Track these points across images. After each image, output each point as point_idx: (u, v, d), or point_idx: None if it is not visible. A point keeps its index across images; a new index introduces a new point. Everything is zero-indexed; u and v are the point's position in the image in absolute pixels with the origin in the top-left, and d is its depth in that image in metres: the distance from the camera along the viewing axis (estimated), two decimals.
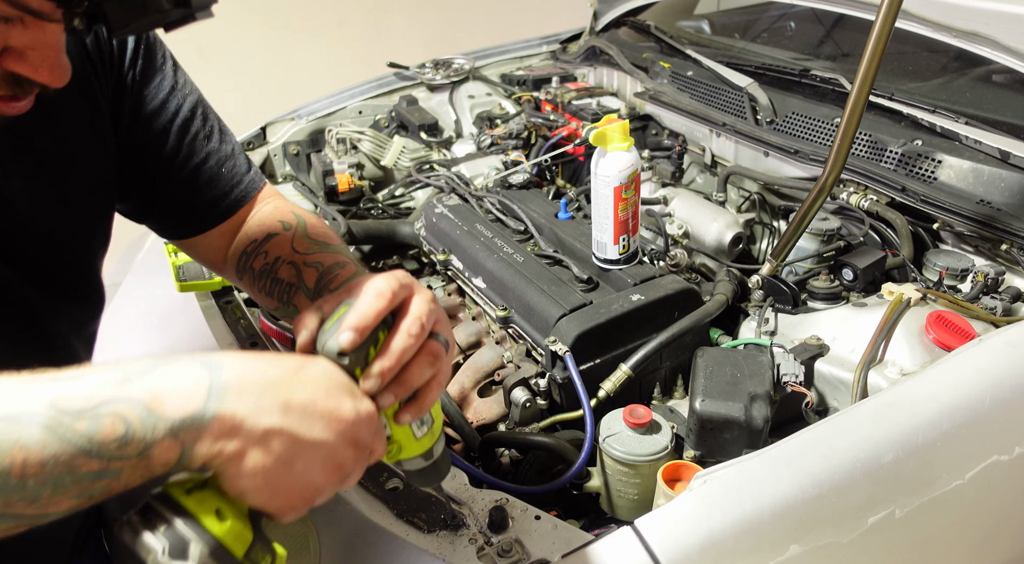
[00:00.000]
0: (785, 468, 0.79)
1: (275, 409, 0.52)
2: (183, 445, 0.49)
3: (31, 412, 0.46)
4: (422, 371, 0.61)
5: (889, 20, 1.05)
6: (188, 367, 0.52)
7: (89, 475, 0.47)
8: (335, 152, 1.92)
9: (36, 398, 0.47)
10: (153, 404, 0.49)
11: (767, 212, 1.59)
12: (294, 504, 0.54)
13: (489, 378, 1.24)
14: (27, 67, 0.58)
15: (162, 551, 0.49)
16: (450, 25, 3.59)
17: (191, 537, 0.50)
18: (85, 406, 0.47)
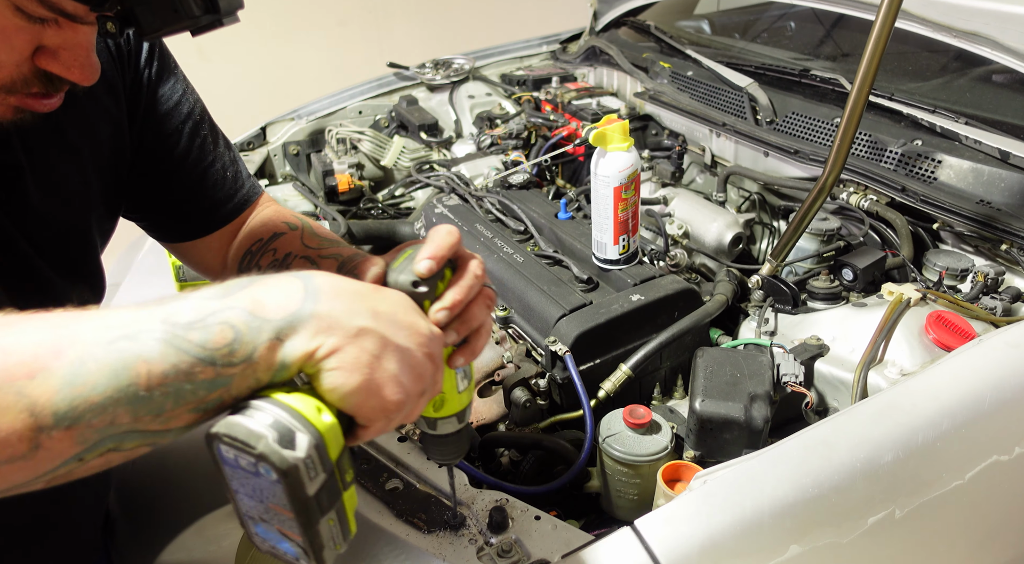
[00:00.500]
0: (785, 468, 0.79)
1: (365, 312, 0.55)
2: (284, 342, 0.52)
3: (147, 329, 0.49)
4: (480, 312, 0.65)
5: (889, 20, 1.05)
6: (282, 278, 0.55)
7: (205, 384, 0.49)
8: (335, 152, 1.92)
9: (149, 318, 0.50)
10: (256, 309, 0.52)
11: (767, 212, 1.59)
12: (385, 408, 0.55)
13: (489, 378, 1.24)
14: (59, 66, 0.61)
15: (272, 438, 0.49)
16: (450, 25, 3.59)
17: (298, 427, 0.50)
18: (194, 318, 0.50)
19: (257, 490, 0.51)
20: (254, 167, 1.86)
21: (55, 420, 0.45)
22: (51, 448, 0.46)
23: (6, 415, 0.44)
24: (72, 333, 0.48)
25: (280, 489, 0.49)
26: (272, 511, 0.51)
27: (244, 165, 0.97)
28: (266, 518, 0.52)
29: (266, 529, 0.53)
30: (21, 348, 0.46)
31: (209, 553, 1.00)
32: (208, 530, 1.00)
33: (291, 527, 0.52)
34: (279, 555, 0.54)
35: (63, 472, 0.48)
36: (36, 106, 0.64)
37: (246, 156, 1.90)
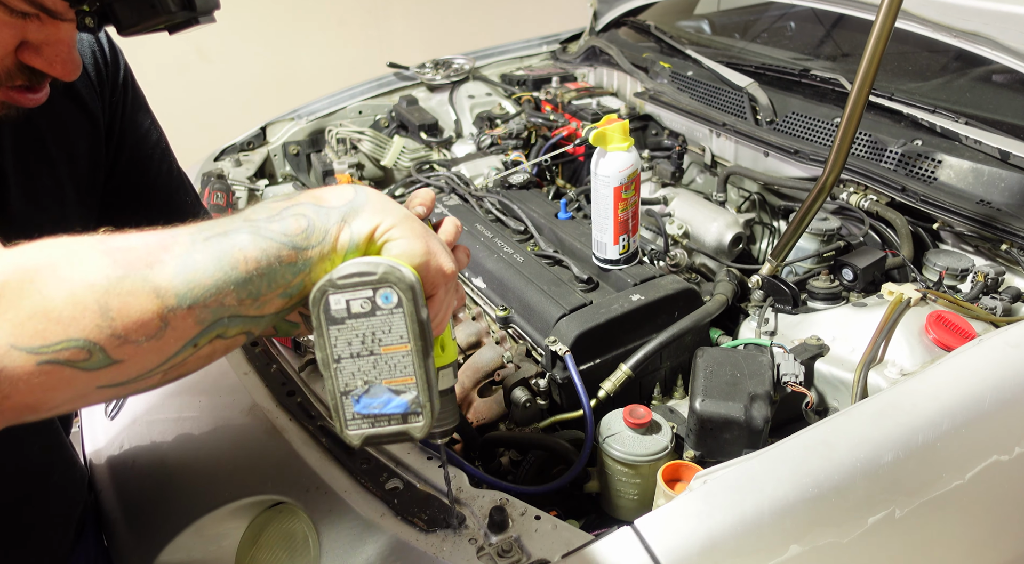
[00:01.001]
0: (785, 468, 0.79)
1: (405, 211, 0.61)
2: (350, 223, 0.58)
3: (235, 228, 0.54)
4: (462, 257, 0.72)
5: (889, 20, 1.05)
6: (332, 186, 0.62)
7: (291, 267, 0.55)
8: (335, 152, 1.92)
9: (232, 221, 0.55)
10: (320, 202, 0.58)
11: (767, 212, 1.59)
12: (443, 271, 0.60)
13: (489, 378, 1.24)
14: (42, 62, 0.64)
15: (387, 266, 0.54)
16: (450, 25, 3.59)
17: (398, 265, 0.55)
18: (271, 214, 0.56)
19: (368, 337, 0.55)
20: (254, 167, 1.86)
21: (177, 300, 0.50)
22: (177, 326, 0.50)
23: (138, 298, 0.49)
24: (172, 235, 0.53)
25: (398, 317, 0.53)
26: (383, 358, 0.55)
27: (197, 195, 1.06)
28: (372, 377, 0.55)
29: (370, 398, 0.56)
30: (133, 246, 0.51)
31: (209, 553, 1.00)
32: (208, 530, 1.00)
33: (405, 367, 0.55)
34: (381, 430, 0.57)
35: (180, 359, 0.52)
36: (21, 100, 0.66)
37: (246, 156, 1.90)
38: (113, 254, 0.49)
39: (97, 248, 0.50)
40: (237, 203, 1.64)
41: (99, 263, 0.49)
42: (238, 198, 1.67)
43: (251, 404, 1.06)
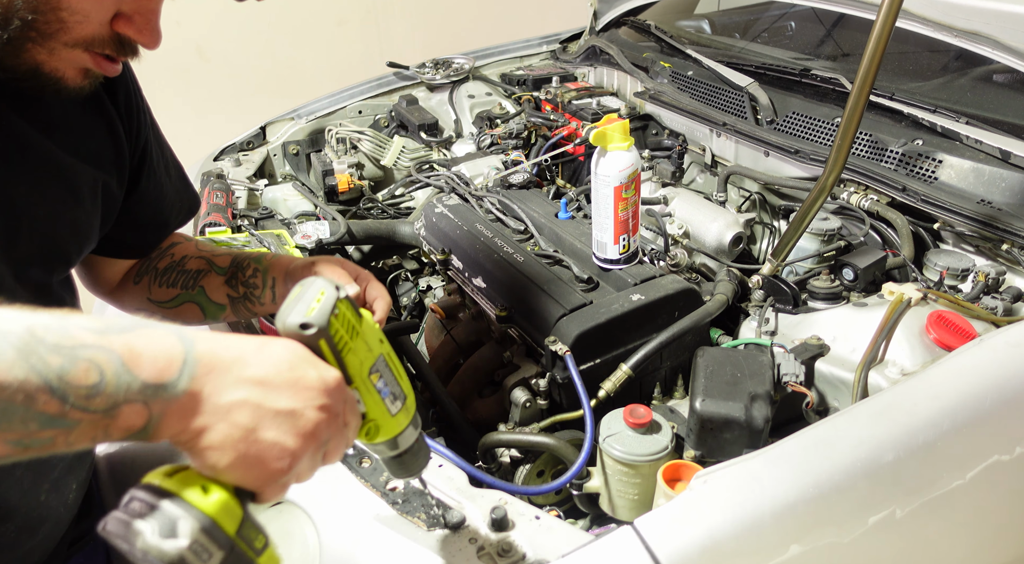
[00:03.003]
0: (785, 468, 0.78)
1: (239, 383, 0.52)
2: (151, 414, 0.49)
3: (5, 331, 0.44)
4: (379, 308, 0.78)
5: (889, 20, 1.05)
6: (165, 335, 0.52)
7: (43, 417, 0.44)
8: (335, 152, 1.91)
9: (15, 320, 0.45)
10: (130, 362, 0.48)
11: (767, 212, 1.59)
12: (271, 475, 0.54)
13: (489, 378, 1.24)
14: (133, 29, 0.68)
15: (151, 532, 0.48)
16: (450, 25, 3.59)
17: (179, 514, 0.49)
18: (62, 343, 0.46)
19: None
20: (254, 167, 1.86)
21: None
22: None
23: None
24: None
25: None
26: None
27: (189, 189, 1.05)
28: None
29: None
30: None
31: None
32: None
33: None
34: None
35: None
36: (104, 67, 0.70)
37: (246, 156, 1.89)
38: None
39: None
40: (236, 203, 1.64)
41: None
42: (238, 198, 1.67)
43: None
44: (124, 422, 0.48)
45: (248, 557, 0.53)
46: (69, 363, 0.45)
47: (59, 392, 0.44)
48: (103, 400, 0.46)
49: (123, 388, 0.47)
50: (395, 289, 1.65)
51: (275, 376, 0.54)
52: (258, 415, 0.53)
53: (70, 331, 0.47)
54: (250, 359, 0.54)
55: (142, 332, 0.51)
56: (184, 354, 0.51)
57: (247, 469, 0.53)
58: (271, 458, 0.53)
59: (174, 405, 0.50)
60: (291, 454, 0.54)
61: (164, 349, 0.50)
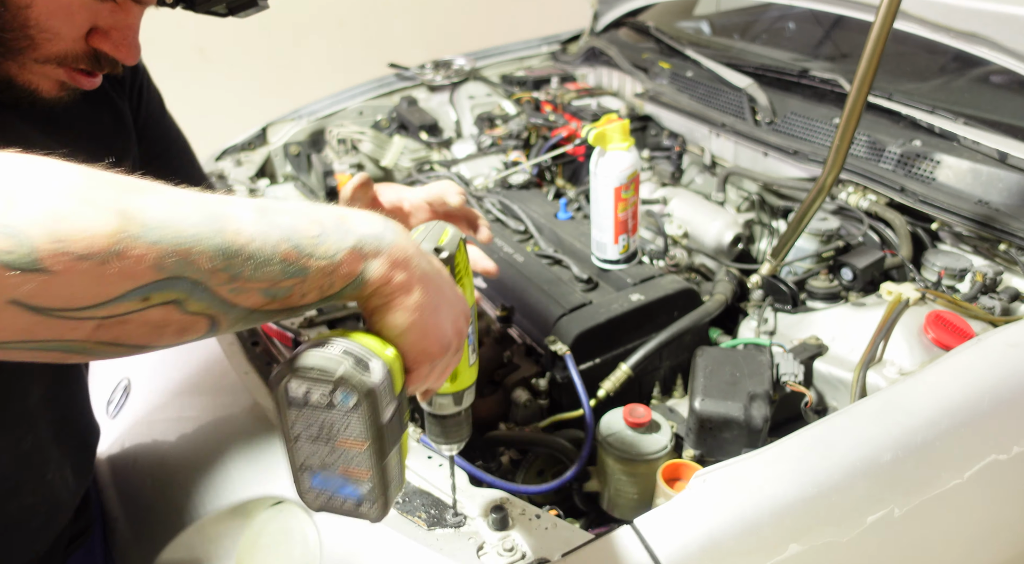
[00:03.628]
0: (785, 467, 0.79)
1: (428, 263, 0.58)
2: (365, 261, 0.53)
3: (241, 202, 0.49)
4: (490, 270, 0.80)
5: (888, 21, 1.06)
6: (364, 213, 0.56)
7: (284, 265, 0.49)
8: (336, 152, 1.92)
9: (240, 198, 0.50)
10: (343, 219, 0.53)
11: (766, 212, 1.60)
12: (433, 349, 0.57)
13: (489, 378, 1.24)
14: (110, 45, 0.67)
15: (350, 363, 0.50)
16: (450, 25, 3.59)
17: (370, 354, 0.51)
18: (285, 207, 0.51)
19: (325, 428, 0.51)
20: (255, 167, 1.86)
21: (142, 229, 0.42)
22: (129, 257, 0.41)
23: (97, 209, 0.41)
24: (166, 185, 0.47)
25: (356, 417, 0.50)
26: (339, 450, 0.52)
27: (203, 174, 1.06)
28: (329, 462, 0.52)
29: (325, 477, 0.53)
30: (118, 179, 0.44)
31: (209, 553, 1.00)
32: (208, 530, 1.00)
33: (360, 462, 0.52)
34: (337, 506, 0.55)
35: (122, 309, 0.43)
36: (81, 81, 0.69)
37: (247, 156, 1.90)
38: (92, 171, 0.44)
39: (77, 167, 0.43)
40: None
41: (72, 170, 0.43)
42: None
43: (251, 404, 1.06)
44: (344, 269, 0.51)
45: (402, 422, 0.56)
46: (296, 219, 0.50)
47: (293, 241, 0.49)
48: (327, 247, 0.51)
49: (341, 235, 0.52)
50: None
51: (442, 274, 0.60)
52: (439, 295, 0.57)
53: (289, 203, 0.53)
54: (425, 251, 0.59)
55: (343, 207, 0.56)
56: (384, 219, 0.56)
57: (420, 337, 0.56)
58: (436, 338, 0.57)
59: (383, 253, 0.53)
60: (447, 344, 0.58)
61: (368, 215, 0.55)
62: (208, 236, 0.45)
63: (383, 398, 0.50)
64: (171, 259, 0.43)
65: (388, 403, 0.51)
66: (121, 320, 0.43)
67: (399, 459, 0.56)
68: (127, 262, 0.41)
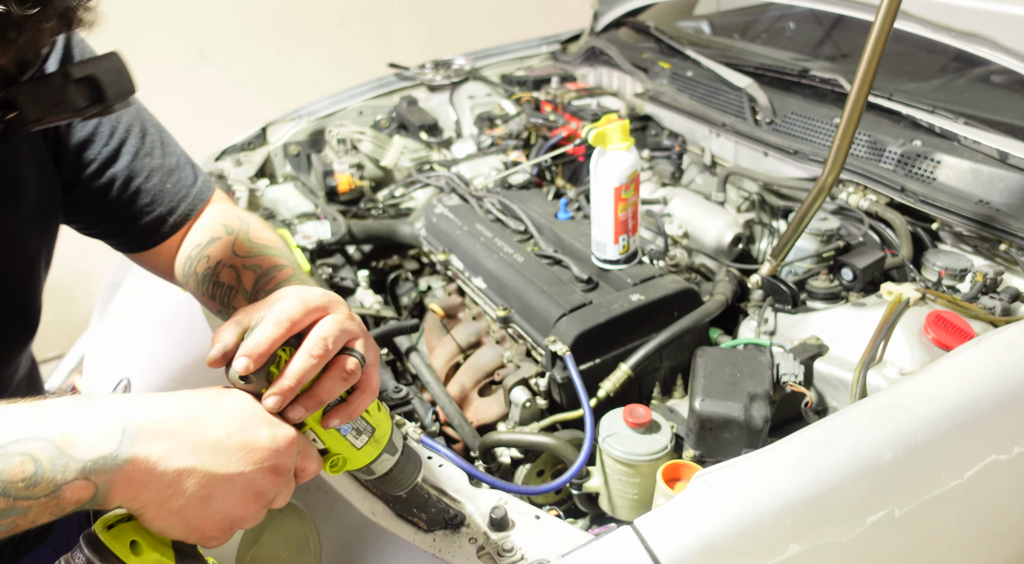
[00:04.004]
0: (785, 467, 0.79)
1: (188, 449, 0.53)
2: (96, 486, 0.50)
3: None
4: (333, 385, 0.61)
5: (888, 21, 1.05)
6: (103, 411, 0.52)
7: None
8: (335, 152, 1.92)
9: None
10: (65, 445, 0.49)
11: (767, 212, 1.60)
12: (214, 535, 0.56)
13: (489, 378, 1.24)
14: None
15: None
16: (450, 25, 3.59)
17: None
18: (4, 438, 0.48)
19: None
20: (255, 167, 1.86)
21: None
22: None
23: None
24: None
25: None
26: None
27: (191, 168, 0.93)
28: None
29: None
30: None
31: (208, 553, 1.00)
32: None
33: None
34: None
35: None
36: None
37: (246, 156, 1.90)
38: None
39: None
40: (237, 203, 1.64)
41: None
42: (239, 198, 1.67)
43: None
44: (71, 498, 0.49)
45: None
46: (4, 462, 0.47)
47: (1, 491, 0.47)
48: (43, 486, 0.48)
49: (60, 471, 0.49)
50: (395, 289, 1.65)
51: (226, 438, 0.55)
52: (206, 482, 0.53)
53: (4, 426, 0.49)
54: (201, 421, 0.55)
55: (81, 410, 0.52)
56: (123, 425, 0.52)
57: (191, 531, 0.55)
58: (216, 522, 0.55)
59: (118, 475, 0.50)
60: (236, 520, 0.56)
61: (101, 425, 0.51)
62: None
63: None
64: None
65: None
66: None
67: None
68: None
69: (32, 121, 0.59)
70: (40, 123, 0.60)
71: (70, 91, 0.59)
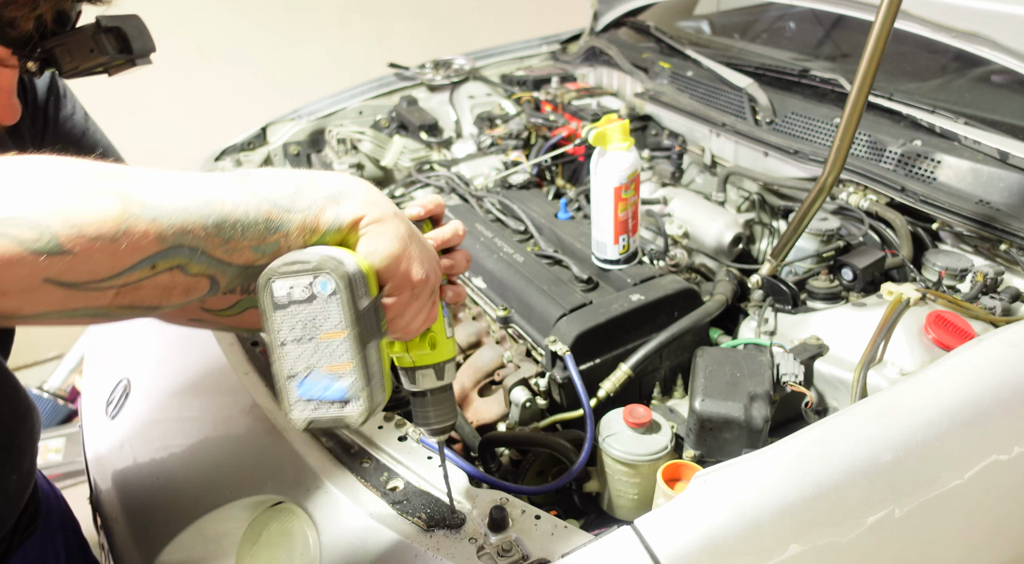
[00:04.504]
0: (785, 468, 0.79)
1: (398, 210, 0.63)
2: (339, 205, 0.59)
3: (224, 177, 0.56)
4: (461, 261, 0.75)
5: (888, 21, 1.05)
6: (328, 173, 0.63)
7: (269, 223, 0.56)
8: (335, 152, 1.92)
9: (222, 177, 0.56)
10: (314, 178, 0.60)
11: (767, 212, 1.60)
12: (410, 278, 0.62)
13: (489, 378, 1.24)
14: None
15: (327, 254, 0.55)
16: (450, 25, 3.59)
17: (343, 255, 0.57)
18: (263, 174, 0.58)
19: (308, 325, 0.56)
20: (254, 167, 1.86)
21: (141, 209, 0.49)
22: (134, 234, 0.48)
23: (101, 195, 0.48)
24: (154, 169, 0.53)
25: (335, 304, 0.55)
26: (322, 345, 0.56)
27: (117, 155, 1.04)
28: (313, 363, 0.56)
29: (310, 383, 0.57)
30: (110, 168, 0.50)
31: (209, 553, 1.00)
32: (208, 530, 1.00)
33: (342, 353, 0.56)
34: (322, 416, 0.58)
35: (135, 277, 0.50)
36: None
37: (246, 156, 1.90)
38: (88, 163, 0.50)
39: (75, 161, 0.50)
40: None
41: (71, 165, 0.49)
42: None
43: (251, 404, 1.06)
44: (321, 215, 0.58)
45: (378, 325, 0.60)
46: (270, 183, 0.57)
47: (273, 201, 0.56)
48: (302, 201, 0.57)
49: (313, 189, 0.59)
50: None
51: (416, 227, 0.65)
52: (412, 232, 0.63)
53: (262, 170, 0.59)
54: (395, 212, 0.64)
55: (311, 171, 0.63)
56: (347, 177, 0.62)
57: (399, 262, 0.61)
58: (416, 265, 0.62)
59: (354, 195, 0.60)
60: (424, 277, 0.63)
61: (332, 175, 0.61)
62: (198, 208, 0.52)
63: (359, 287, 0.56)
64: (170, 231, 0.50)
65: (363, 294, 0.57)
66: (135, 286, 0.51)
67: (379, 358, 0.59)
68: (133, 238, 0.48)
69: (68, 71, 0.68)
70: (76, 72, 0.68)
71: (102, 38, 0.67)
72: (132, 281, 0.50)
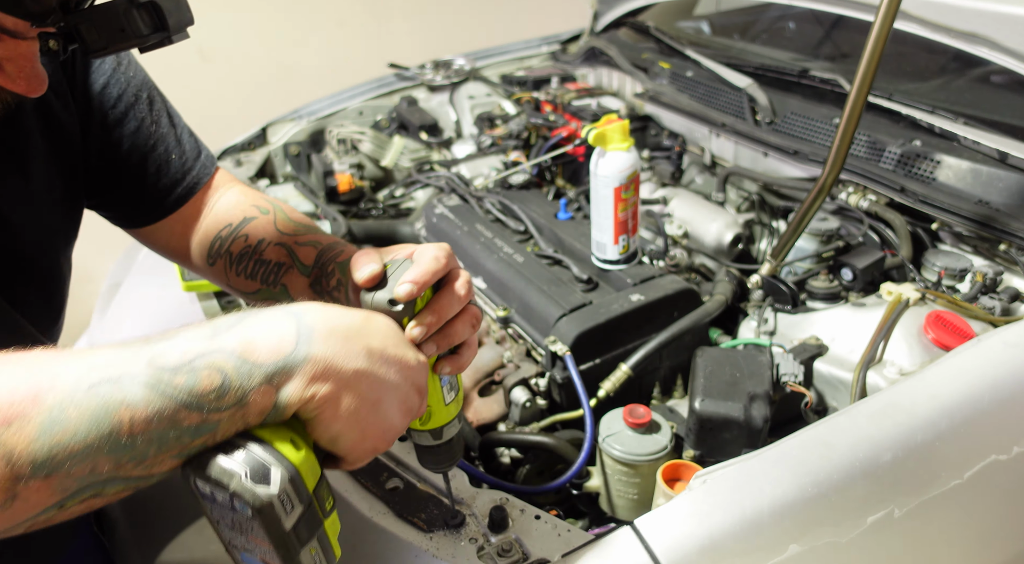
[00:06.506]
0: (784, 468, 0.79)
1: (359, 352, 0.54)
2: (278, 389, 0.50)
3: (132, 373, 0.47)
4: (463, 328, 0.65)
5: (888, 21, 1.05)
6: (273, 316, 0.53)
7: (190, 430, 0.48)
8: (335, 152, 1.92)
9: (134, 360, 0.48)
10: (246, 353, 0.50)
11: (766, 212, 1.60)
12: (376, 445, 0.56)
13: (489, 378, 1.24)
14: (5, 78, 0.60)
15: (244, 475, 0.49)
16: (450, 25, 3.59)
17: (271, 462, 0.50)
18: (181, 361, 0.48)
19: (236, 523, 0.51)
20: (255, 167, 1.86)
21: (32, 469, 0.44)
22: (28, 498, 0.44)
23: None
24: (52, 376, 0.46)
25: (257, 524, 0.49)
26: (253, 543, 0.51)
27: (194, 142, 0.93)
28: (248, 548, 0.52)
29: (250, 558, 0.53)
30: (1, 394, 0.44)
31: (209, 553, 1.00)
32: (208, 530, 1.00)
33: (272, 558, 0.52)
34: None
35: (43, 519, 0.47)
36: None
37: (247, 156, 1.90)
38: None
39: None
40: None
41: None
42: None
43: None
44: (256, 406, 0.50)
45: (318, 517, 0.54)
46: (193, 377, 0.48)
47: (194, 405, 0.48)
48: (232, 395, 0.49)
49: (246, 378, 0.49)
50: None
51: (385, 350, 0.56)
52: (377, 387, 0.54)
53: (184, 347, 0.50)
54: (363, 330, 0.55)
55: (252, 320, 0.53)
56: (297, 328, 0.52)
57: (360, 441, 0.55)
58: (382, 430, 0.55)
59: (297, 374, 0.51)
60: (394, 430, 0.57)
61: (276, 330, 0.52)
62: (101, 443, 0.45)
63: (283, 507, 0.50)
64: (70, 480, 0.45)
65: (292, 509, 0.50)
66: (45, 521, 0.47)
67: (322, 547, 0.54)
68: (27, 501, 0.44)
69: (95, 50, 0.60)
70: (103, 51, 0.60)
71: (135, 16, 0.59)
72: (39, 522, 0.47)
